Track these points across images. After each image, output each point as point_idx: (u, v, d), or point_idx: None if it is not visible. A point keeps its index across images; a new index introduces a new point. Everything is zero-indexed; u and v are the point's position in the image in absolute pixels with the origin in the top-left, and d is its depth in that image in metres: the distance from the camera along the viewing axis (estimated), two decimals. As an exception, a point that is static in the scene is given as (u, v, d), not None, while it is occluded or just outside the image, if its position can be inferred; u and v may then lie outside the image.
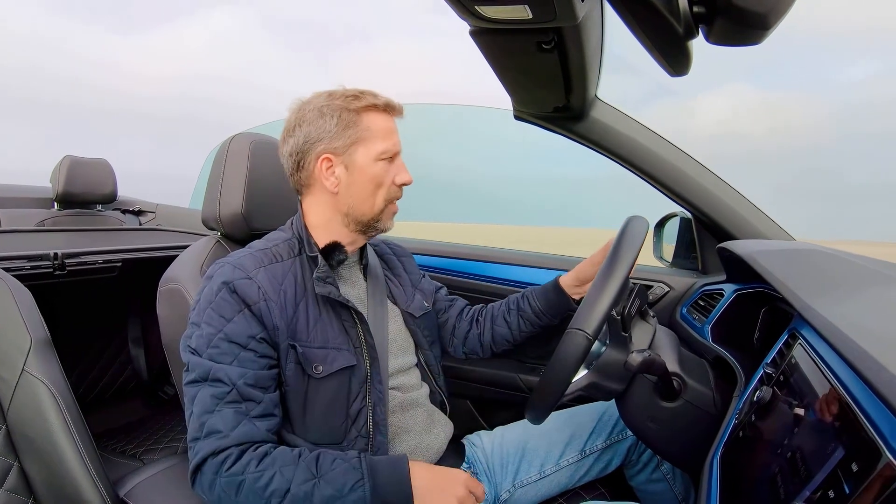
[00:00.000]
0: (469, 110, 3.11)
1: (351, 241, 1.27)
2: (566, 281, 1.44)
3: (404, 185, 1.26)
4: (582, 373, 1.13)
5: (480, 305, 1.59)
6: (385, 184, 1.22)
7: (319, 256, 1.20)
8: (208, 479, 1.01)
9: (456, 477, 1.10)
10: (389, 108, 1.23)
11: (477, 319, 1.56)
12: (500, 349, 1.53)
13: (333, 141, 1.18)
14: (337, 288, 1.19)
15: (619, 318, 1.09)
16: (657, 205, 1.75)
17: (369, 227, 1.25)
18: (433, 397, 1.39)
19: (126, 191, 3.16)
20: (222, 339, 1.07)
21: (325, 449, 1.09)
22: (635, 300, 1.09)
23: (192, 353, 1.08)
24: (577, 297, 1.44)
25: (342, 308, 1.20)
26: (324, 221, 1.25)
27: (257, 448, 1.04)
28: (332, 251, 1.23)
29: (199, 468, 1.03)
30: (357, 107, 1.19)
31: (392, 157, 1.23)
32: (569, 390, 1.05)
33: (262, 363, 1.09)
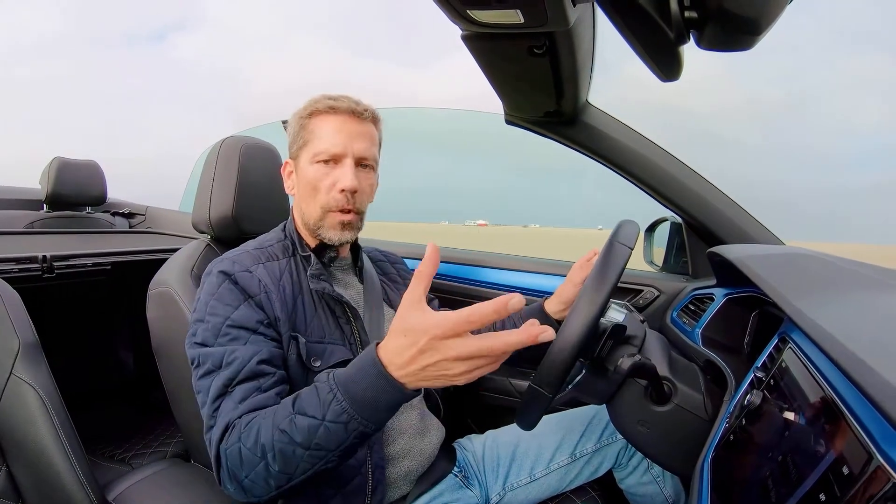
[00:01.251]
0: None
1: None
2: (550, 306, 1.44)
3: (344, 190, 1.20)
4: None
5: None
6: (321, 188, 1.21)
7: (312, 255, 1.23)
8: (224, 462, 0.95)
9: (424, 338, 0.77)
10: (332, 111, 1.22)
11: None
12: None
13: (291, 147, 1.26)
14: (331, 285, 1.20)
15: (587, 362, 1.10)
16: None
17: (316, 232, 1.24)
18: (428, 400, 1.40)
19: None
20: (231, 325, 1.07)
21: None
22: (607, 342, 1.08)
23: (201, 346, 1.07)
24: (561, 321, 1.42)
25: (337, 304, 1.22)
26: (300, 224, 1.29)
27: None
28: (323, 250, 1.27)
29: (218, 459, 0.97)
30: (307, 112, 1.23)
31: (332, 160, 1.21)
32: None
33: (273, 344, 1.09)
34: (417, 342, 0.77)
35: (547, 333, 0.73)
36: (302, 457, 0.88)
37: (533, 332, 0.72)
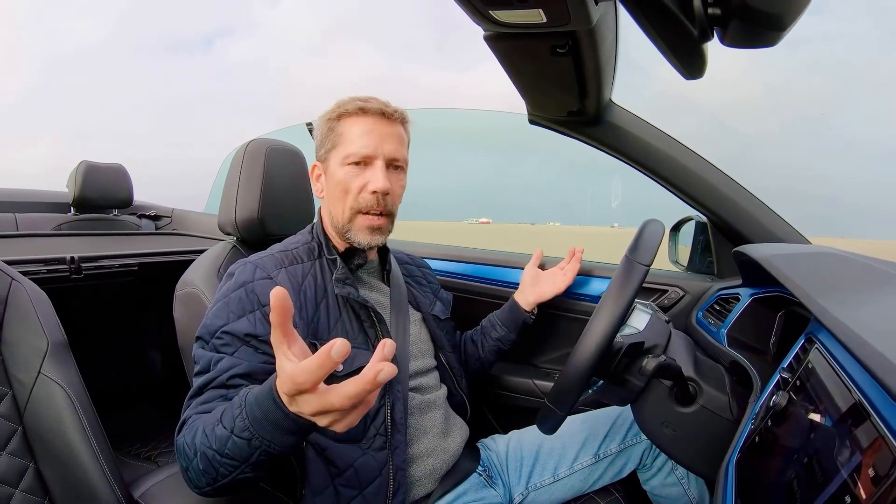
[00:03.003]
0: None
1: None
2: (521, 297, 1.62)
3: (375, 192, 1.20)
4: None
5: (470, 332, 1.68)
6: (351, 190, 1.21)
7: (339, 259, 1.24)
8: (178, 455, 0.97)
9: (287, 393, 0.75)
10: (361, 112, 1.22)
11: (464, 348, 1.64)
12: (473, 369, 1.62)
13: (319, 150, 1.26)
14: (356, 289, 1.21)
15: (600, 381, 1.10)
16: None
17: (344, 236, 1.25)
18: (452, 399, 1.41)
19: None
20: (226, 331, 1.08)
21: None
22: (622, 359, 1.07)
23: (199, 340, 1.11)
24: (528, 309, 1.62)
25: (361, 308, 1.22)
26: (328, 227, 1.30)
27: None
28: (352, 255, 1.27)
29: (177, 450, 0.98)
30: (335, 114, 1.24)
31: (363, 162, 1.21)
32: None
33: (261, 358, 1.08)
34: (288, 393, 0.73)
35: (384, 372, 0.66)
36: (220, 462, 0.86)
37: (367, 376, 0.66)
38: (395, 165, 1.25)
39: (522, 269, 1.76)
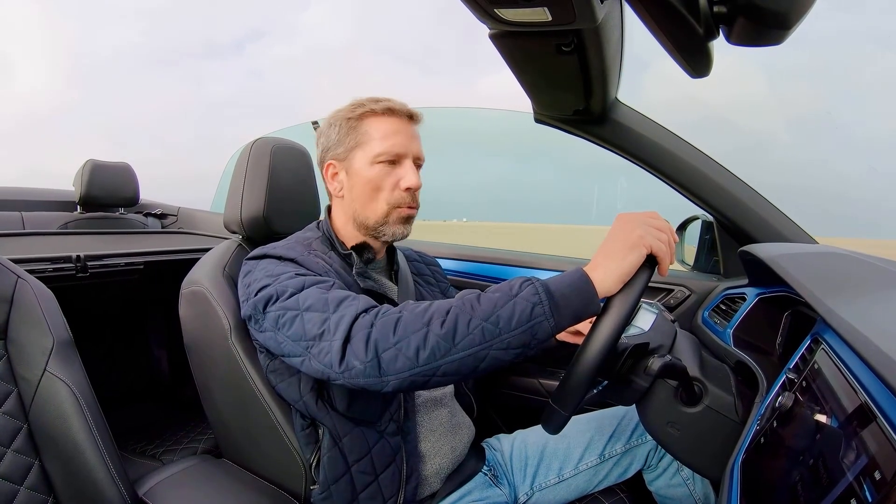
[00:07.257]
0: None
1: (371, 244, 1.30)
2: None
3: (410, 189, 1.25)
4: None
5: None
6: (384, 187, 1.24)
7: (354, 254, 1.25)
8: (362, 335, 0.94)
9: (639, 215, 0.98)
10: (390, 112, 1.25)
11: None
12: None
13: (337, 148, 1.26)
14: (376, 283, 1.25)
15: (605, 381, 1.09)
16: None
17: (375, 232, 1.27)
18: (459, 398, 1.42)
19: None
20: (302, 274, 1.10)
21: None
22: (627, 360, 1.07)
23: (275, 288, 1.08)
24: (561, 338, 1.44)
25: (382, 299, 1.24)
26: (341, 225, 1.31)
27: None
28: (361, 250, 1.29)
29: (348, 338, 0.96)
30: (357, 114, 1.24)
31: (394, 161, 1.24)
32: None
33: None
34: (634, 218, 0.95)
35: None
36: (473, 329, 0.89)
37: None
38: (418, 164, 1.28)
39: (535, 269, 1.77)
